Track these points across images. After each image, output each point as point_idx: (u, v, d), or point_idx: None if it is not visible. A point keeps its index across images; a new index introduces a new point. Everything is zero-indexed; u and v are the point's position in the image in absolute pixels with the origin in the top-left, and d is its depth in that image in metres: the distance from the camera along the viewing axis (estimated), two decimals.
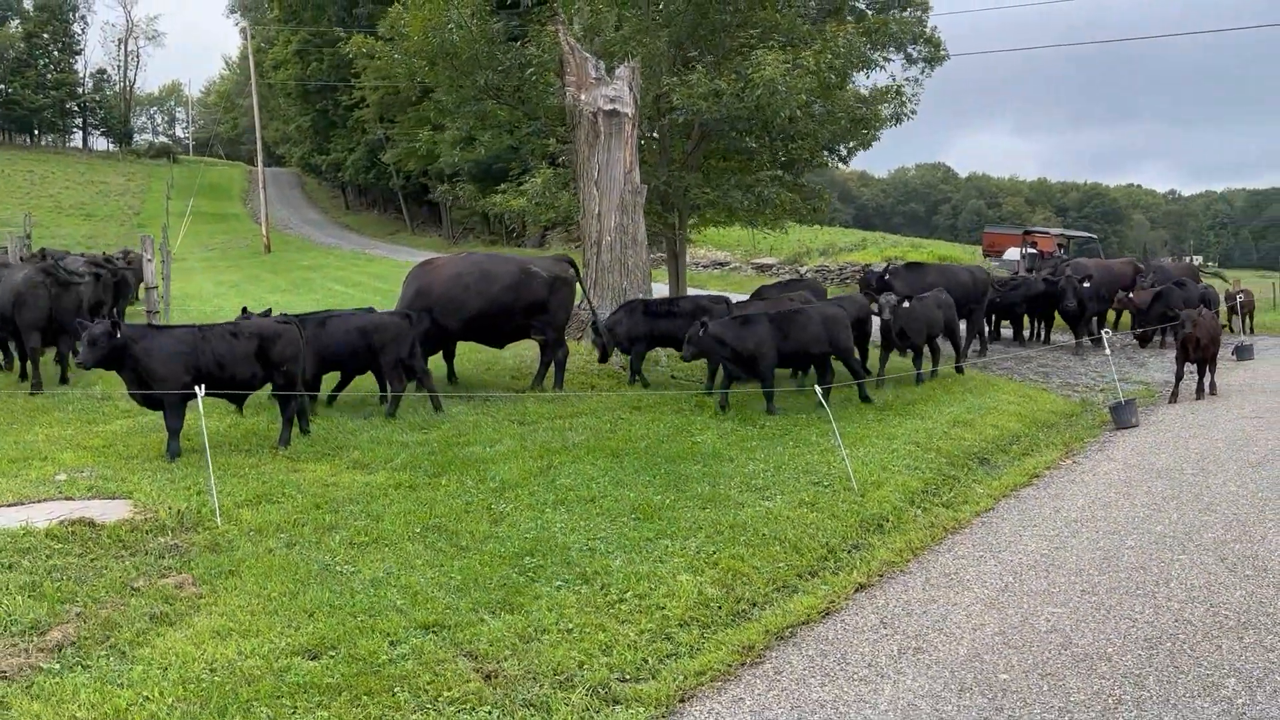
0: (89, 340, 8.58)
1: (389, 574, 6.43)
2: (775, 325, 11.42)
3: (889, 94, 16.18)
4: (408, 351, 11.05)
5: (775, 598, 6.49)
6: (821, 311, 12.02)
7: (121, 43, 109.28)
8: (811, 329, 11.60)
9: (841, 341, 11.85)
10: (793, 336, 11.48)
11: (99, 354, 8.61)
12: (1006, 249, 31.59)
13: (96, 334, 8.59)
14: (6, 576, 5.88)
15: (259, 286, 31.10)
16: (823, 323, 11.72)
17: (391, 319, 11.24)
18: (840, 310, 12.25)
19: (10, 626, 5.36)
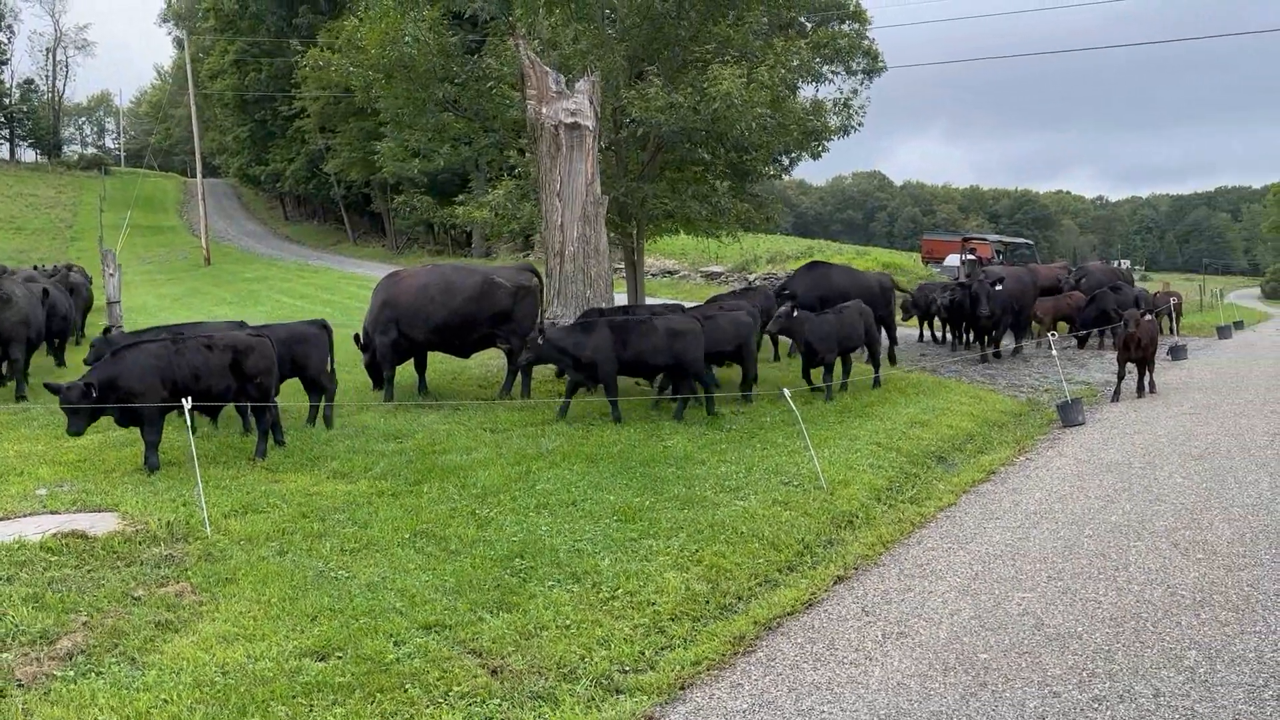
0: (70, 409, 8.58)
1: (384, 578, 6.59)
2: (615, 334, 11.38)
3: (837, 106, 16.68)
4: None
5: (759, 591, 6.78)
6: (667, 323, 11.72)
7: (49, 52, 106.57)
8: (653, 340, 11.48)
9: (687, 354, 11.57)
10: (632, 346, 11.39)
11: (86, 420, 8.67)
12: (946, 255, 32.48)
13: (74, 398, 8.57)
14: (8, 589, 5.93)
15: (204, 300, 30.70)
16: (666, 334, 11.51)
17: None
18: (690, 323, 11.83)
19: (19, 636, 5.43)
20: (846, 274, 17.01)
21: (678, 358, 11.59)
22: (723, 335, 12.40)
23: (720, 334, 12.37)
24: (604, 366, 11.30)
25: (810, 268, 17.12)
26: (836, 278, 16.55)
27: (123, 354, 9.05)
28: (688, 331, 11.68)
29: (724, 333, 12.42)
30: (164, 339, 9.56)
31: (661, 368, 11.82)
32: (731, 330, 12.51)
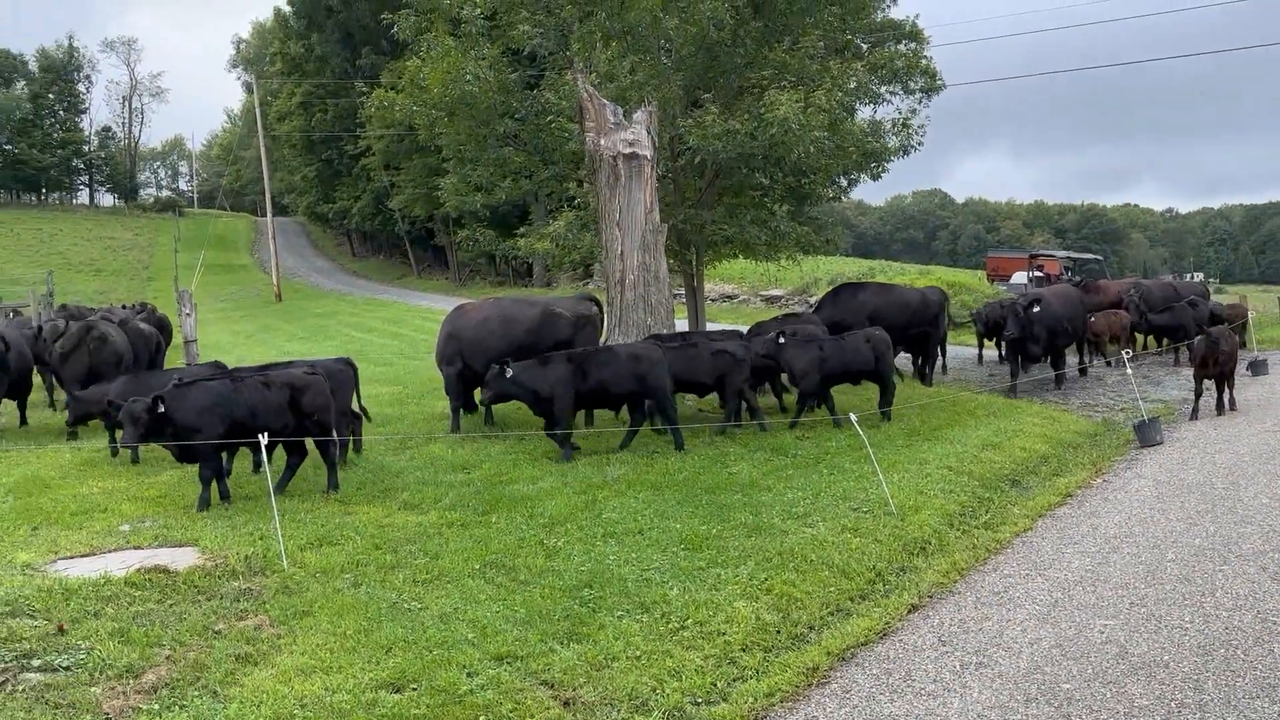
0: (130, 419, 8.82)
1: (456, 609, 6.65)
2: (574, 366, 11.17)
3: (896, 126, 16.57)
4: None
5: (831, 621, 6.70)
6: (629, 350, 11.58)
7: (125, 100, 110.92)
8: (615, 367, 11.26)
9: (651, 381, 11.31)
10: (593, 376, 11.15)
11: (142, 431, 8.85)
12: (1013, 273, 31.93)
13: (138, 410, 8.81)
14: (95, 623, 6.10)
15: (276, 335, 31.47)
16: (629, 362, 11.33)
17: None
18: (652, 350, 11.60)
19: (107, 670, 5.58)
20: (882, 293, 16.69)
21: (642, 385, 11.36)
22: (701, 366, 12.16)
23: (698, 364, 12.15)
24: (560, 400, 11.02)
25: (839, 291, 16.96)
26: (868, 299, 16.30)
27: (183, 391, 9.25)
28: (648, 358, 11.44)
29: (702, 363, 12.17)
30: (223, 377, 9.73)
31: (624, 396, 11.56)
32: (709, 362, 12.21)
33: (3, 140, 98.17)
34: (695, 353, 12.21)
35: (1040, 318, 15.91)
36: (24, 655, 5.69)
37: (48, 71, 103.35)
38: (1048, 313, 16.09)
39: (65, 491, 9.80)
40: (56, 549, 7.70)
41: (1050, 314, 16.18)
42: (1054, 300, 16.70)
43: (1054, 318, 16.31)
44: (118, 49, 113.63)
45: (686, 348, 12.30)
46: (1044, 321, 16.05)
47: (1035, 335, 15.99)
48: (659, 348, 11.71)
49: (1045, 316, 16.03)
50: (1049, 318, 16.14)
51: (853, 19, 16.16)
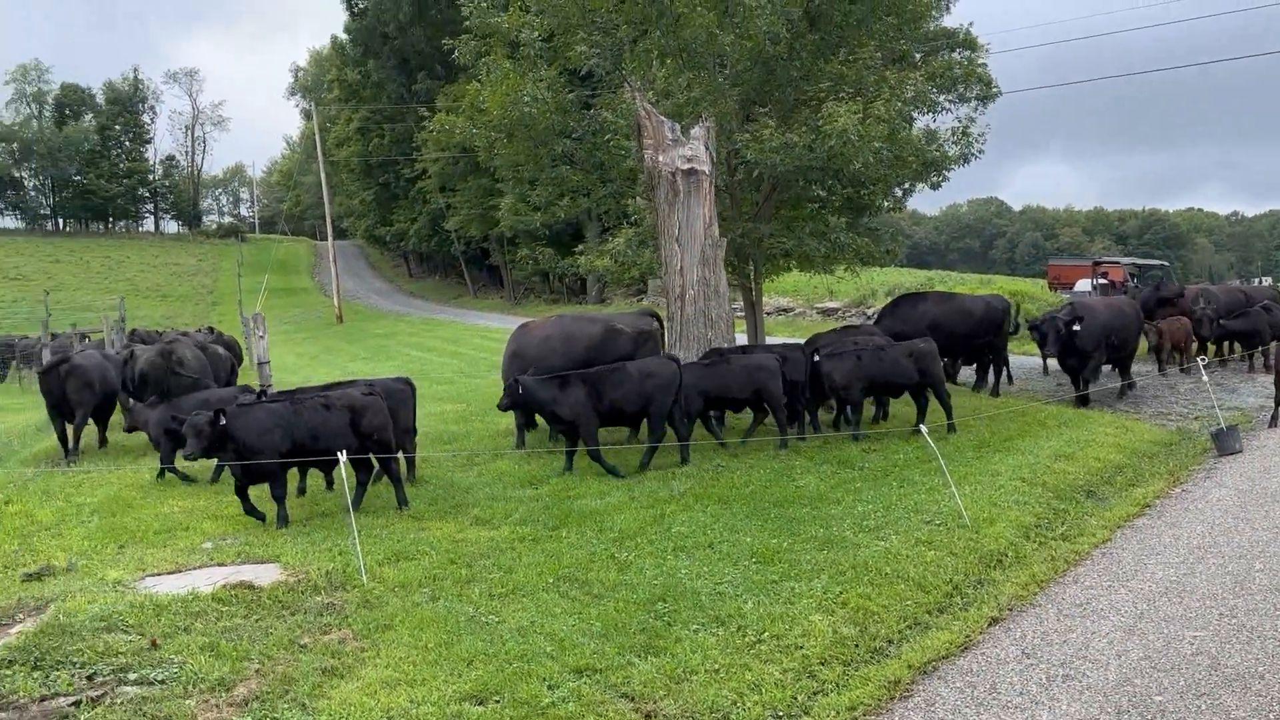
0: (194, 431, 9.06)
1: (533, 622, 6.71)
2: (589, 386, 11.19)
3: (955, 135, 16.41)
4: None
5: (909, 634, 6.63)
6: (640, 368, 11.52)
7: (189, 129, 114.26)
8: (628, 386, 11.25)
9: (655, 399, 11.26)
10: (606, 395, 11.17)
11: (204, 444, 9.07)
12: (1075, 281, 31.32)
13: (201, 423, 9.05)
14: (186, 638, 6.27)
15: (339, 356, 32.07)
16: (639, 379, 11.30)
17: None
18: (665, 367, 11.56)
19: (199, 684, 5.73)
20: (943, 303, 16.37)
21: (648, 402, 11.32)
22: (735, 380, 12.08)
23: (733, 378, 12.08)
24: (583, 419, 11.11)
25: (898, 302, 16.72)
26: (928, 309, 16.05)
27: (245, 412, 9.48)
28: (658, 374, 11.40)
29: (736, 377, 12.09)
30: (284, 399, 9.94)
31: (635, 415, 11.54)
32: (744, 376, 12.13)
33: (72, 171, 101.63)
34: (727, 368, 12.18)
35: (1083, 337, 14.84)
36: (120, 669, 5.87)
37: (114, 104, 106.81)
38: (1092, 327, 15.03)
39: (147, 511, 10.08)
40: (144, 566, 7.92)
41: (1095, 329, 15.10)
42: (1103, 312, 15.76)
43: (1100, 332, 15.21)
44: (180, 80, 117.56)
45: (718, 363, 12.29)
46: (1089, 337, 14.97)
47: (1081, 352, 15.01)
48: (672, 363, 11.66)
49: (1090, 332, 14.96)
50: (1094, 332, 15.06)
51: (909, 28, 16.06)
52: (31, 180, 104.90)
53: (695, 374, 12.01)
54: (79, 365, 13.11)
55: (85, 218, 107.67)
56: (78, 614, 6.45)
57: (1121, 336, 15.80)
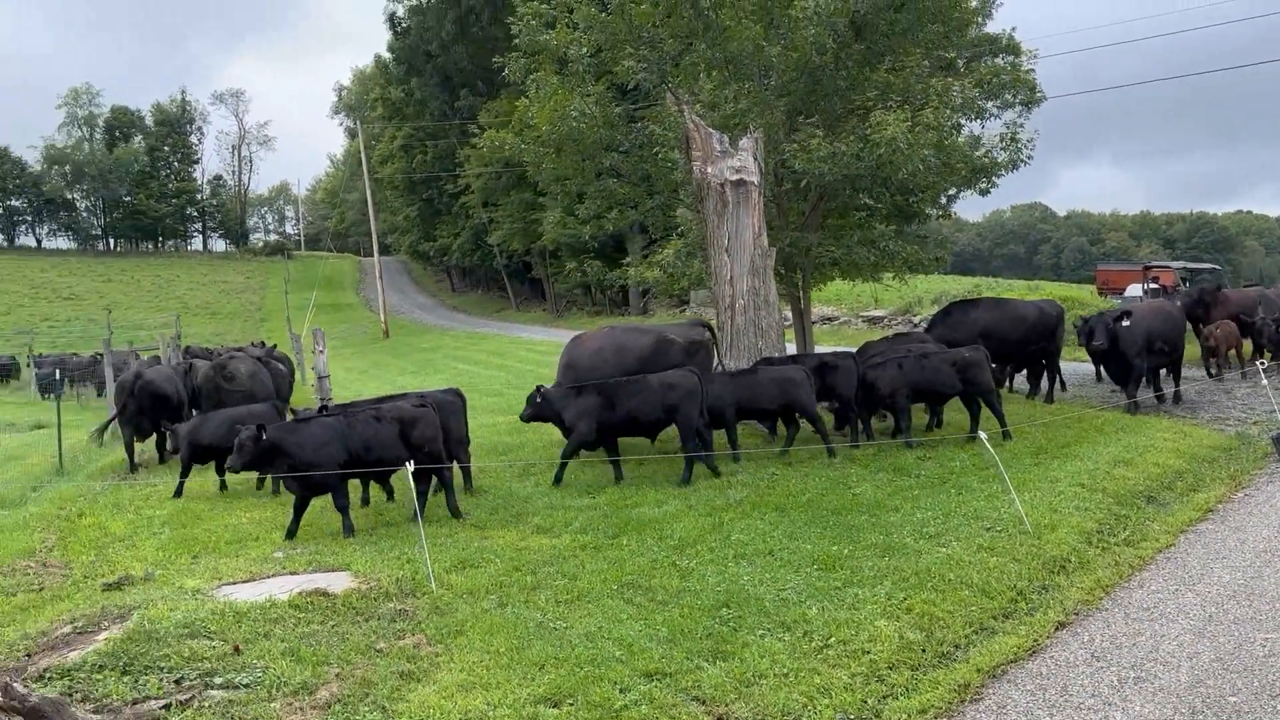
0: (238, 445, 9.30)
1: (600, 628, 6.82)
2: (603, 396, 11.33)
3: (1004, 141, 16.34)
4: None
5: (976, 639, 6.65)
6: (661, 380, 11.56)
7: (235, 149, 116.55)
8: (646, 396, 11.34)
9: (682, 408, 11.32)
10: (621, 406, 11.28)
11: (246, 458, 9.32)
12: (1126, 286, 30.94)
13: (244, 439, 9.32)
14: (267, 644, 6.46)
15: (387, 370, 32.51)
16: (659, 391, 11.38)
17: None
18: (685, 377, 11.58)
19: (283, 687, 5.91)
20: (995, 309, 16.22)
21: (670, 413, 11.40)
22: (764, 391, 12.15)
23: (762, 390, 12.15)
24: (579, 429, 11.28)
25: (950, 309, 16.59)
26: (980, 315, 15.91)
27: (301, 426, 9.72)
28: (677, 385, 11.45)
29: (766, 389, 12.16)
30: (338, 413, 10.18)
31: (653, 425, 11.65)
32: (774, 387, 12.19)
33: (122, 192, 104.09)
34: (755, 379, 12.25)
35: (1130, 334, 14.54)
36: (206, 674, 6.06)
37: (163, 125, 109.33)
38: (1138, 329, 14.73)
39: (216, 522, 10.37)
40: (219, 575, 8.16)
41: (1141, 331, 14.73)
42: (1148, 316, 15.33)
43: (1146, 335, 14.81)
44: (227, 101, 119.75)
45: (746, 374, 12.36)
46: (1134, 338, 14.62)
47: (1124, 354, 14.66)
48: (693, 375, 11.69)
49: (1135, 333, 14.61)
50: (1140, 335, 14.69)
51: (956, 35, 16.06)
52: (83, 201, 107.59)
53: (725, 385, 12.13)
54: (153, 379, 13.52)
55: (135, 237, 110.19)
56: (162, 621, 6.66)
57: (1169, 343, 15.34)
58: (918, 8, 15.24)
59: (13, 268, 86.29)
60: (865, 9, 15.03)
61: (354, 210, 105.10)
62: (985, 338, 14.83)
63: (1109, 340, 14.39)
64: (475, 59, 56.26)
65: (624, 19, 15.89)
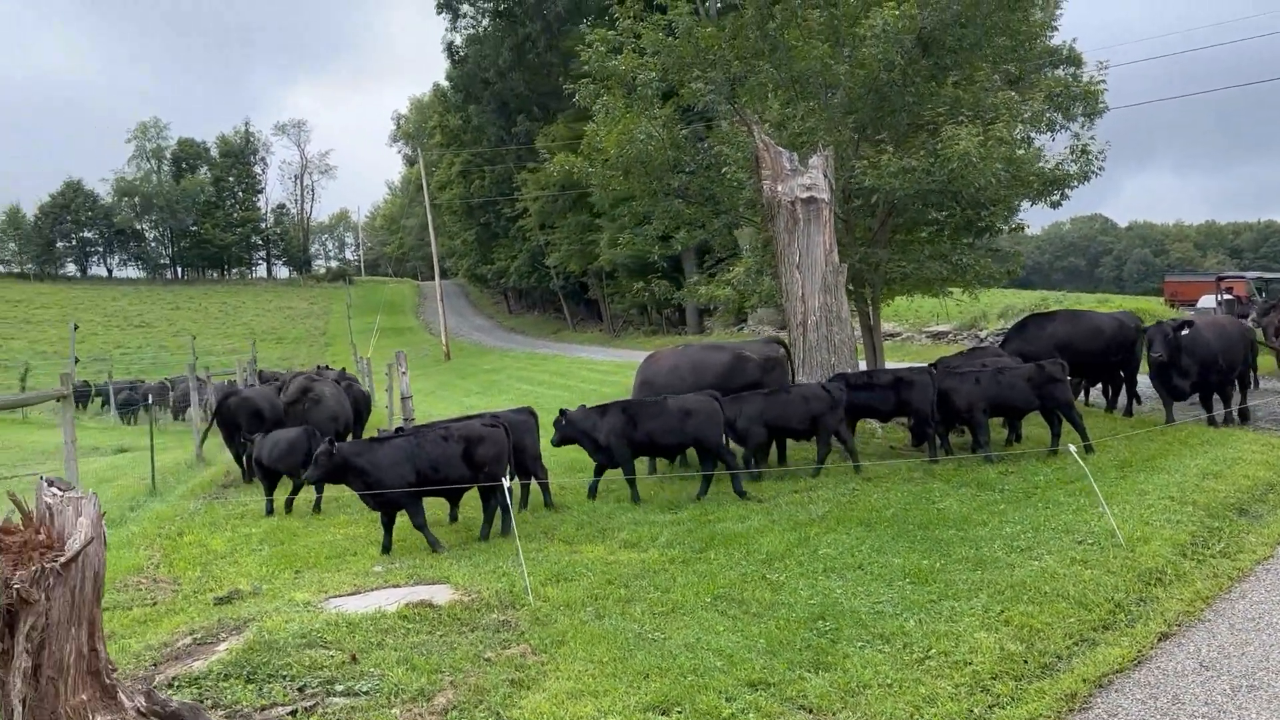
0: (315, 459, 9.66)
1: (698, 639, 6.94)
2: (627, 416, 11.54)
3: (1074, 153, 16.26)
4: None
5: (1077, 650, 6.64)
6: (680, 404, 11.74)
7: (298, 179, 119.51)
8: (664, 420, 11.53)
9: (701, 432, 11.57)
10: (642, 427, 11.50)
11: (321, 471, 9.68)
12: (1198, 297, 30.34)
13: (318, 454, 9.67)
14: (381, 653, 6.69)
15: (453, 391, 33.03)
16: (677, 415, 11.58)
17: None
18: (707, 404, 11.73)
19: (401, 694, 6.12)
20: (1072, 321, 15.99)
21: (695, 436, 11.61)
22: (793, 411, 12.23)
23: (791, 409, 12.23)
24: (617, 450, 11.54)
25: (1025, 322, 16.41)
26: (1057, 328, 15.69)
27: (373, 445, 10.03)
28: (700, 410, 11.62)
29: (795, 408, 12.23)
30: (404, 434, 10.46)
31: (675, 447, 11.92)
32: (802, 406, 12.25)
33: (189, 222, 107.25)
34: (787, 398, 12.32)
35: (1191, 345, 13.96)
36: (327, 681, 6.30)
37: (227, 156, 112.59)
38: (1199, 342, 14.09)
39: (313, 539, 10.70)
40: (325, 589, 8.44)
41: (1203, 344, 14.10)
42: (1208, 331, 14.56)
43: (1208, 350, 14.16)
44: (289, 131, 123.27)
45: (778, 393, 12.43)
46: (1195, 353, 14.03)
47: (1184, 368, 14.06)
48: (714, 400, 11.83)
49: (1197, 347, 14.04)
50: (1202, 349, 14.08)
51: (1024, 49, 16.05)
52: (152, 231, 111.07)
53: (756, 405, 12.25)
54: (249, 397, 14.07)
55: (202, 265, 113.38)
56: (279, 632, 6.94)
57: (1228, 359, 14.55)
58: (985, 23, 15.29)
59: (87, 297, 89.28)
60: (932, 25, 15.10)
61: (412, 235, 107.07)
62: (1062, 351, 14.70)
63: (1169, 351, 14.02)
64: (531, 85, 57.19)
65: (691, 42, 16.15)
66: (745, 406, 12.21)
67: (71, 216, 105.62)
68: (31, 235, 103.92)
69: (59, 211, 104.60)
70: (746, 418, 12.14)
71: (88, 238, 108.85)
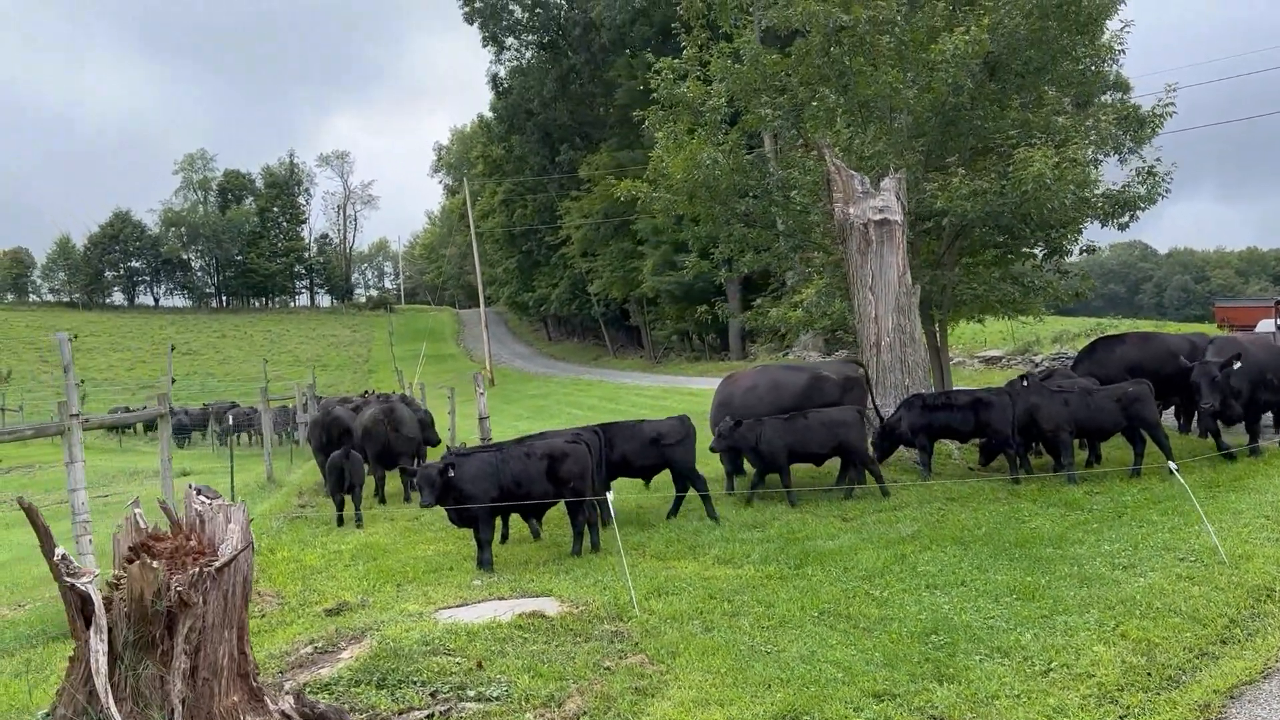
0: (427, 482, 9.84)
1: (813, 652, 6.99)
2: (786, 425, 12.16)
3: (1141, 175, 16.24)
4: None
5: (1198, 664, 6.61)
6: (654, 428, 12.10)
7: (340, 209, 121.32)
8: (637, 442, 11.91)
9: (852, 442, 12.27)
10: (618, 449, 11.87)
11: (437, 495, 9.85)
12: (1256, 322, 29.96)
13: (432, 474, 9.84)
14: (504, 661, 6.81)
15: (502, 416, 33.23)
16: (824, 425, 12.17)
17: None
18: (680, 427, 12.04)
19: (532, 699, 6.23)
20: (1140, 343, 15.75)
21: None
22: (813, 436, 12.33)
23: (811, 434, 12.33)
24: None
25: (1095, 345, 16.23)
26: (1127, 350, 15.52)
27: (462, 461, 10.18)
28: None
29: (815, 433, 12.33)
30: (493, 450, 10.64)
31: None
32: (824, 430, 12.34)
33: (235, 252, 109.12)
34: (806, 423, 12.39)
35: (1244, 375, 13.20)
36: (458, 687, 6.43)
37: (272, 187, 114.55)
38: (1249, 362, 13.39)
39: (403, 555, 10.87)
40: (431, 601, 8.58)
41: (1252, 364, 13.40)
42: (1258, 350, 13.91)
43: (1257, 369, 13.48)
44: (332, 163, 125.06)
45: (796, 418, 12.49)
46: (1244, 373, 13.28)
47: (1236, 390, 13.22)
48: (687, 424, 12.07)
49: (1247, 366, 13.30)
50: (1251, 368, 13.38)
51: (1091, 72, 16.12)
52: (198, 261, 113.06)
53: (776, 428, 12.36)
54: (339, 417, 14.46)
55: (246, 294, 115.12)
56: (403, 640, 7.09)
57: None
58: (1052, 46, 15.39)
59: (134, 326, 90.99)
60: (1000, 49, 15.23)
61: (452, 264, 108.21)
62: (1133, 373, 14.61)
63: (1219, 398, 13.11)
64: (575, 114, 57.92)
65: (758, 69, 16.39)
66: (765, 430, 12.33)
67: (120, 246, 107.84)
68: (81, 265, 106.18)
69: (108, 242, 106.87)
70: (768, 441, 12.27)
71: (135, 267, 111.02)
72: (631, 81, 48.05)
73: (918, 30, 15.60)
